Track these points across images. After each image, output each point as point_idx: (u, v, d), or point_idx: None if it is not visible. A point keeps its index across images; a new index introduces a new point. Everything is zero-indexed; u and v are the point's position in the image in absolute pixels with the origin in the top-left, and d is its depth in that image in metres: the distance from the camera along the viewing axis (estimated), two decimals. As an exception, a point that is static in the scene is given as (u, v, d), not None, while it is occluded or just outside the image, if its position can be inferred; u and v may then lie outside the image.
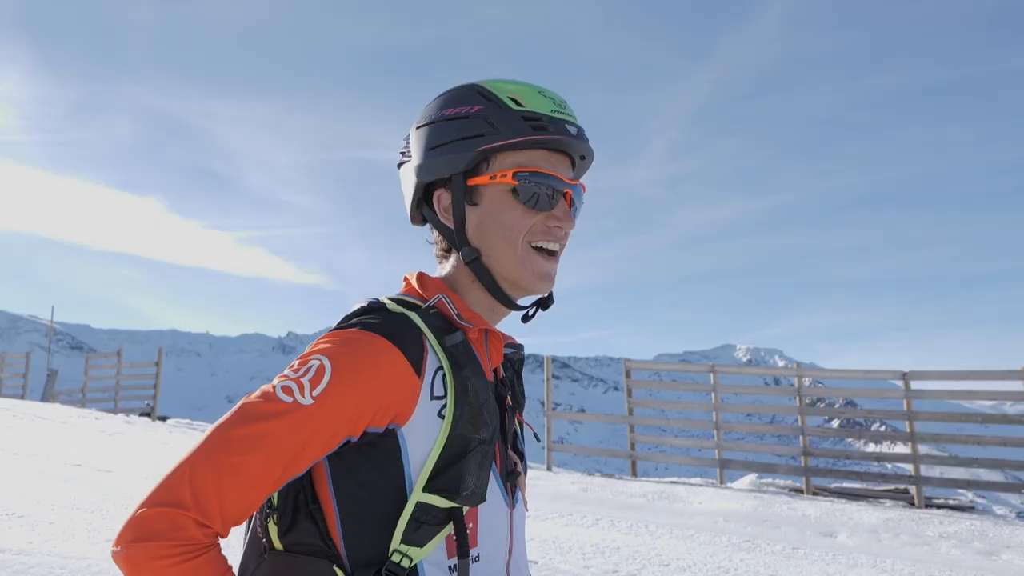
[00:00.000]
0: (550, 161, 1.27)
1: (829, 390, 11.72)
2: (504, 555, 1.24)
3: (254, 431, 1.05)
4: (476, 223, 1.27)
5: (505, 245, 1.26)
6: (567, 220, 1.28)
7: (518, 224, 1.25)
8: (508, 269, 1.27)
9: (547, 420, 13.19)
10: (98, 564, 4.87)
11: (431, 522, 1.12)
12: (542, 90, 1.29)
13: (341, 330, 1.17)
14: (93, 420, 14.53)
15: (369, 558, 1.12)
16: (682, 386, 13.27)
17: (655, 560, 6.04)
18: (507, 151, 1.25)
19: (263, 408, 1.07)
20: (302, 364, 1.12)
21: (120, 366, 19.76)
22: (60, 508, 6.48)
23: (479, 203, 1.27)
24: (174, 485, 1.01)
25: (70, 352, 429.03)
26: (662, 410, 13.27)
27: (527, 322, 1.37)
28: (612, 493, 9.88)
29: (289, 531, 1.17)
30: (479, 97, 1.27)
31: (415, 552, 1.11)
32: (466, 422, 1.15)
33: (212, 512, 1.01)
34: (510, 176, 1.24)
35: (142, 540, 0.98)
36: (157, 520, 0.99)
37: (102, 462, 9.22)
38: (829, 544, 7.24)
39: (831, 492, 11.27)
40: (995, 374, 10.31)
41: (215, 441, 1.04)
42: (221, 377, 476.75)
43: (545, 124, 1.24)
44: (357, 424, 1.10)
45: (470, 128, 1.25)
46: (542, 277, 1.28)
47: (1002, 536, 7.90)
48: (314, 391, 1.08)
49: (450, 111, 1.28)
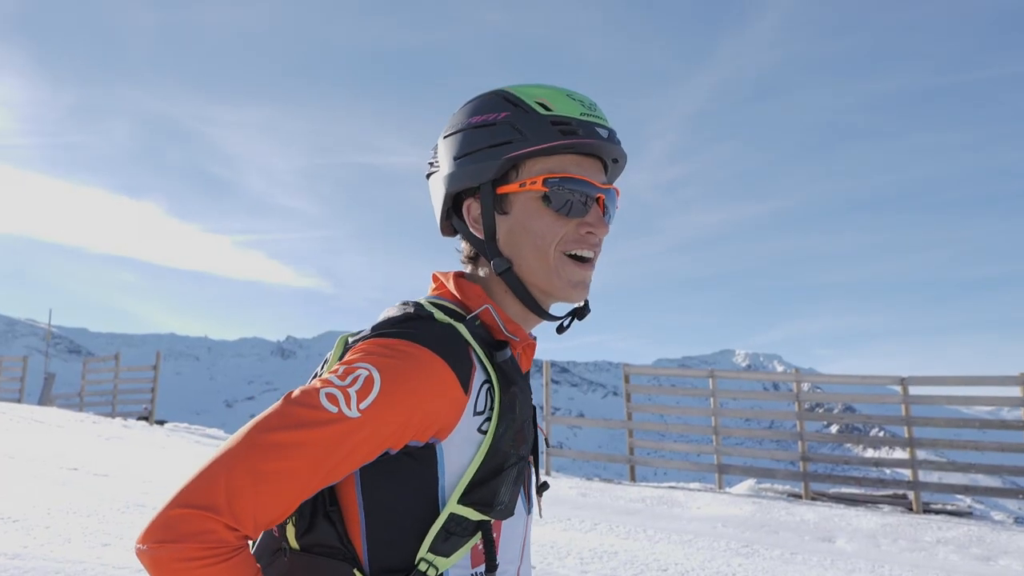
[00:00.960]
0: (581, 166, 1.24)
1: (828, 395, 11.72)
2: (518, 561, 1.25)
3: (295, 438, 1.01)
4: (507, 232, 1.24)
5: (537, 254, 1.22)
6: (600, 226, 1.24)
7: (550, 232, 1.22)
8: (541, 278, 1.23)
9: (546, 425, 13.17)
10: (94, 568, 4.85)
11: (461, 533, 1.11)
12: (571, 93, 1.25)
13: (390, 338, 1.13)
14: (90, 424, 14.50)
15: (392, 564, 1.11)
16: (681, 391, 13.25)
17: (653, 565, 6.02)
18: (536, 157, 1.22)
19: (306, 415, 1.03)
20: (348, 372, 1.08)
21: (118, 370, 19.72)
22: (56, 512, 6.45)
23: (509, 212, 1.24)
24: (208, 487, 0.98)
25: (67, 356, 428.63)
26: (661, 415, 13.26)
27: (562, 333, 1.33)
28: (611, 498, 9.87)
29: (308, 532, 1.15)
30: (505, 103, 1.24)
31: (441, 562, 1.10)
32: (508, 438, 1.14)
33: (245, 518, 0.99)
34: (540, 183, 1.21)
35: (171, 541, 0.95)
36: (188, 521, 0.96)
37: (99, 466, 9.19)
38: (827, 549, 7.23)
39: (829, 497, 11.25)
40: (993, 380, 10.31)
41: (252, 443, 1.01)
42: (220, 381, 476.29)
43: (574, 128, 1.21)
44: (400, 439, 1.09)
45: (497, 135, 1.22)
46: (576, 285, 1.24)
47: (1000, 541, 7.89)
48: (361, 404, 1.04)
49: (477, 119, 1.25)
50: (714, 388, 12.16)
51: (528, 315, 1.28)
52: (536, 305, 1.26)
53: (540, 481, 1.33)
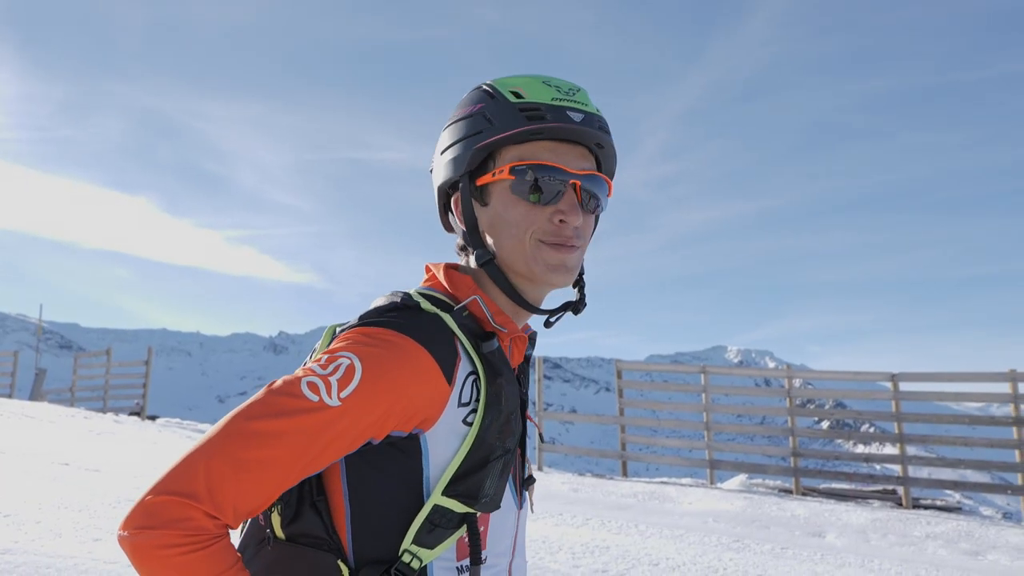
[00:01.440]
0: (555, 152, 1.21)
1: (819, 391, 11.77)
2: (509, 555, 1.24)
3: (276, 427, 1.01)
4: (487, 223, 1.24)
5: (514, 243, 1.21)
6: (573, 213, 1.20)
7: (524, 220, 1.20)
8: (520, 265, 1.22)
9: (539, 420, 13.18)
10: (84, 563, 4.84)
11: (445, 525, 1.11)
12: (548, 80, 1.24)
13: (373, 327, 1.12)
14: (82, 419, 14.44)
15: (377, 556, 1.11)
16: (673, 387, 13.29)
17: (644, 560, 6.05)
18: (508, 146, 1.21)
19: (287, 403, 1.03)
20: (331, 360, 1.08)
21: (109, 365, 19.63)
22: (47, 507, 6.44)
23: (489, 203, 1.24)
24: (188, 474, 0.97)
25: (59, 351, 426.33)
26: (653, 411, 13.28)
27: (550, 327, 1.33)
28: (602, 493, 9.89)
29: (293, 522, 1.15)
30: (483, 95, 1.25)
31: (425, 554, 1.10)
32: (494, 430, 1.13)
33: (225, 506, 0.98)
34: (507, 171, 1.20)
35: (151, 528, 0.95)
36: (167, 508, 0.96)
37: (90, 461, 9.16)
38: (818, 544, 7.27)
39: (820, 492, 11.31)
40: (983, 376, 10.38)
41: (234, 432, 1.00)
42: (212, 377, 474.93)
43: (543, 113, 1.19)
44: (382, 428, 1.08)
45: (471, 127, 1.23)
46: (555, 268, 1.21)
47: (988, 537, 7.95)
48: (342, 392, 1.04)
49: (459, 112, 1.27)
50: (706, 384, 12.20)
51: (517, 308, 1.27)
52: (519, 296, 1.25)
53: (527, 475, 1.33)
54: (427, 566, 1.11)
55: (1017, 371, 9.81)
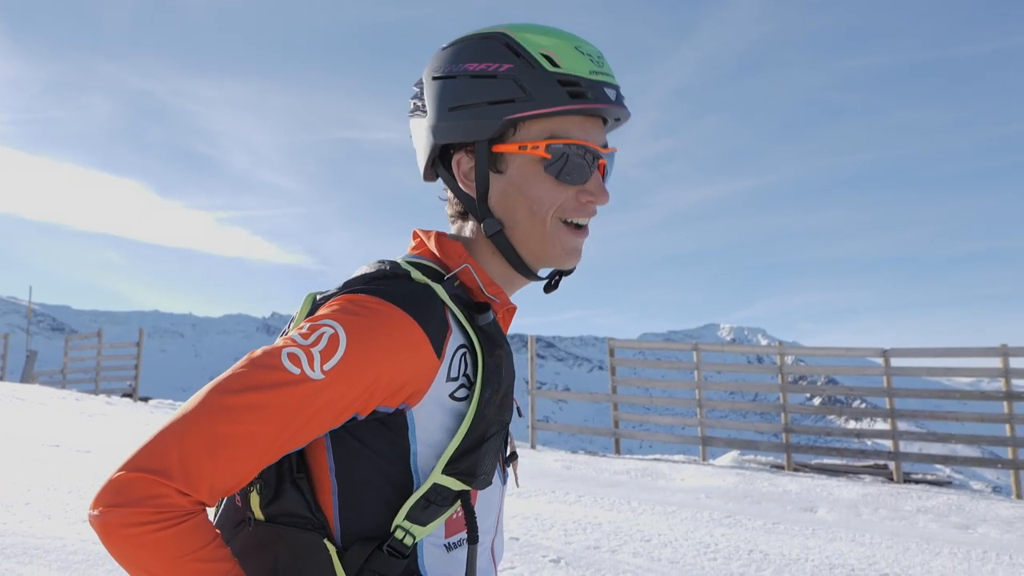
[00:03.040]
0: (584, 128, 1.14)
1: (811, 368, 11.82)
2: (492, 533, 1.20)
3: (254, 400, 0.94)
4: (500, 192, 1.15)
5: (533, 220, 1.14)
6: (601, 194, 1.16)
7: (548, 198, 1.13)
8: (535, 244, 1.15)
9: (531, 399, 13.21)
10: (73, 544, 4.82)
11: (440, 503, 1.06)
12: (579, 44, 1.14)
13: (358, 294, 1.05)
14: (73, 401, 14.40)
15: (366, 532, 1.05)
16: (666, 364, 13.31)
17: (637, 536, 6.06)
18: (538, 118, 1.12)
19: (267, 376, 0.96)
20: (313, 330, 1.00)
21: (101, 347, 19.57)
22: (36, 489, 6.41)
23: (504, 171, 1.15)
24: (160, 451, 0.91)
25: (50, 333, 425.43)
26: (646, 388, 13.32)
27: (550, 292, 1.28)
28: (595, 471, 9.93)
29: (274, 501, 1.08)
30: (507, 52, 1.12)
31: (418, 530, 1.05)
32: (494, 405, 1.07)
33: (200, 484, 0.92)
34: (543, 148, 1.11)
35: (120, 505, 0.89)
36: (137, 485, 0.90)
37: (81, 443, 9.13)
38: (809, 519, 7.31)
39: (812, 468, 11.38)
40: (973, 351, 10.42)
41: (210, 406, 0.94)
42: (205, 358, 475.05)
43: (583, 90, 1.10)
44: (368, 402, 1.02)
45: (498, 91, 1.11)
46: (570, 252, 1.17)
47: (978, 510, 8.02)
48: (325, 364, 0.97)
49: (473, 66, 1.13)
50: (698, 361, 12.21)
51: (513, 277, 1.21)
52: (525, 267, 1.19)
53: (510, 451, 1.27)
54: (417, 543, 1.07)
55: (1008, 346, 9.85)
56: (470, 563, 1.09)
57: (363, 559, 1.04)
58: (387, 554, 1.04)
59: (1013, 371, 9.80)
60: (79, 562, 4.52)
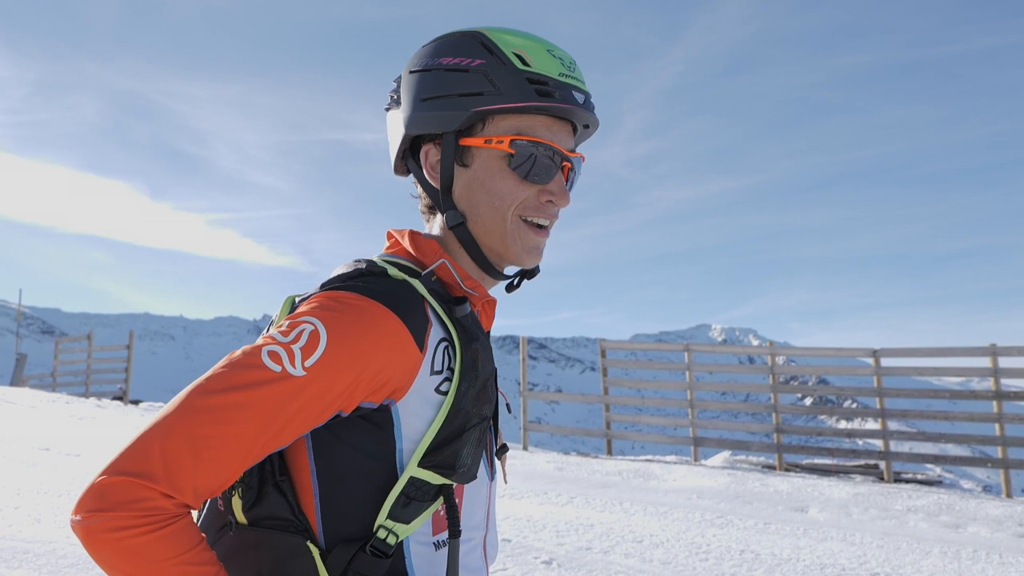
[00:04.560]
0: (551, 129, 1.17)
1: (802, 368, 11.86)
2: (483, 529, 1.19)
3: (235, 400, 0.94)
4: (464, 186, 1.18)
5: (494, 215, 1.16)
6: (562, 196, 1.18)
7: (510, 194, 1.16)
8: (495, 239, 1.18)
9: (523, 400, 13.22)
10: (63, 548, 4.79)
11: (421, 498, 1.05)
12: (551, 48, 1.17)
13: (337, 291, 1.05)
14: (63, 404, 14.32)
15: (349, 534, 1.04)
16: (657, 365, 13.33)
17: (628, 537, 6.07)
18: (506, 114, 1.15)
19: (247, 375, 0.96)
20: (293, 327, 1.00)
21: (91, 350, 19.45)
22: (26, 493, 6.37)
23: (470, 165, 1.17)
24: (143, 453, 0.90)
25: (40, 336, 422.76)
26: (638, 389, 13.34)
27: (511, 292, 1.29)
28: (587, 472, 9.93)
29: (256, 505, 1.07)
30: (481, 49, 1.16)
31: (401, 529, 1.04)
32: (471, 398, 1.07)
33: (184, 486, 0.91)
34: (507, 143, 1.14)
35: (103, 510, 0.88)
36: (119, 489, 0.88)
37: (71, 446, 9.08)
38: (800, 519, 7.34)
39: (803, 468, 11.43)
40: (963, 351, 10.48)
41: (191, 407, 0.93)
42: (196, 360, 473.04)
43: (551, 89, 1.13)
44: (351, 399, 1.01)
45: (468, 84, 1.14)
46: (530, 251, 1.19)
47: (968, 509, 8.06)
48: (306, 361, 0.97)
49: (447, 60, 1.16)
50: (690, 362, 12.25)
51: (482, 272, 1.23)
52: (487, 264, 1.21)
53: (500, 444, 1.28)
54: (403, 542, 1.06)
55: (997, 346, 9.90)
56: (452, 558, 1.08)
57: (347, 561, 1.03)
58: (371, 555, 1.03)
59: (1002, 370, 9.85)
60: (69, 566, 4.50)
